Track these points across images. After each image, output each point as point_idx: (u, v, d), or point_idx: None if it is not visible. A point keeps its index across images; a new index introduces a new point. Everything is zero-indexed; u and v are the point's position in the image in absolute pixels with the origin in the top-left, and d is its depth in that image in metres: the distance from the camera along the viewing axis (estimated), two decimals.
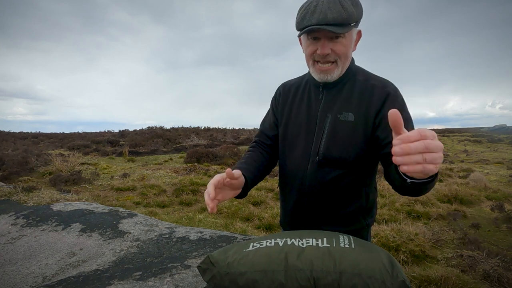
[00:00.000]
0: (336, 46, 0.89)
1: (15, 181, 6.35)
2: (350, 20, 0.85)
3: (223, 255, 0.78)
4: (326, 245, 0.74)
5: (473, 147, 18.07)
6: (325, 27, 0.84)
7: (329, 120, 0.97)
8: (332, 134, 0.96)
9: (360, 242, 0.79)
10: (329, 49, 0.89)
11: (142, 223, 1.50)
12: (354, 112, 0.94)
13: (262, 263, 0.72)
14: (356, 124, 0.94)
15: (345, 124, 0.95)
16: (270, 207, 4.92)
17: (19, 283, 1.02)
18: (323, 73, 0.94)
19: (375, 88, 0.94)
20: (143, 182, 6.71)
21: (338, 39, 0.89)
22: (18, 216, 1.69)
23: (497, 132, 29.36)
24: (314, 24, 0.85)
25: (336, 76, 0.95)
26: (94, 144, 13.81)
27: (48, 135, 22.99)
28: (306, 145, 1.01)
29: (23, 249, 1.28)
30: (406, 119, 0.86)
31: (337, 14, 0.83)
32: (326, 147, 0.96)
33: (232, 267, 0.74)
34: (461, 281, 2.40)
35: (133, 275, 0.94)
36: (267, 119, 1.20)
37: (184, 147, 13.14)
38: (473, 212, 4.73)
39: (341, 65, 0.93)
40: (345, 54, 0.92)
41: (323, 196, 1.00)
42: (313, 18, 0.85)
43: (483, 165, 10.79)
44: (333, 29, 0.84)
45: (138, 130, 21.52)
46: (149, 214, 4.44)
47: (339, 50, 0.90)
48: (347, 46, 0.91)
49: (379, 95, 0.93)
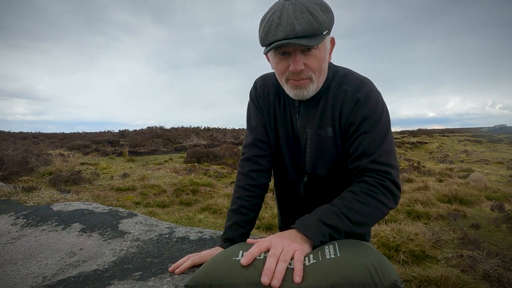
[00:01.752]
0: (310, 60, 0.79)
1: (15, 181, 6.35)
2: (322, 29, 0.74)
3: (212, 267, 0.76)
4: (313, 261, 0.72)
5: (473, 147, 18.07)
6: (295, 40, 0.72)
7: (309, 136, 0.90)
8: (315, 151, 0.91)
9: (346, 247, 0.74)
10: (302, 64, 0.79)
11: (142, 223, 1.50)
12: (332, 126, 0.88)
13: (253, 277, 0.70)
14: (335, 138, 0.88)
15: (326, 139, 0.89)
16: (270, 207, 4.92)
17: (19, 283, 1.02)
18: (298, 88, 0.83)
19: (347, 94, 0.85)
20: (143, 182, 6.71)
21: (311, 51, 0.78)
22: (18, 216, 1.69)
23: (497, 132, 29.37)
24: (281, 38, 0.73)
25: (312, 92, 0.85)
26: (94, 144, 13.81)
27: (48, 135, 22.99)
28: (294, 162, 0.98)
29: (23, 249, 1.28)
30: (364, 132, 0.82)
31: (306, 24, 0.72)
32: (311, 165, 0.93)
33: (224, 278, 0.71)
34: (461, 281, 2.40)
35: (133, 275, 0.94)
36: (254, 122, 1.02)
37: (184, 147, 13.15)
38: (473, 212, 4.73)
39: (316, 80, 0.83)
40: (320, 67, 0.82)
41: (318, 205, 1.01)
42: (279, 32, 0.73)
43: (483, 165, 10.80)
44: (305, 42, 0.72)
45: (138, 130, 21.52)
46: (149, 214, 4.44)
47: (312, 64, 0.80)
48: (321, 58, 0.80)
49: (350, 103, 0.84)
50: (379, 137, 0.82)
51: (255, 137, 1.01)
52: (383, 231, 3.37)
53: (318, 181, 0.97)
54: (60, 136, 21.27)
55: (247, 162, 1.01)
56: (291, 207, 1.10)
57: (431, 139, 20.29)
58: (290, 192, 1.07)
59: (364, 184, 0.81)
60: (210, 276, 0.73)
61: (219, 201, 5.13)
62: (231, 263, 0.75)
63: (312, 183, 0.98)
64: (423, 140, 18.91)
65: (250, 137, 1.02)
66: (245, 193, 0.99)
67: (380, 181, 0.80)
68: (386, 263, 0.69)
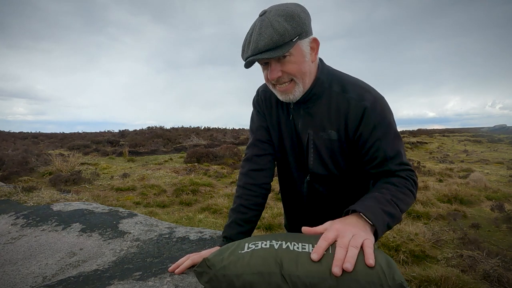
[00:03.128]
0: (286, 66, 0.85)
1: (15, 181, 6.35)
2: (285, 38, 0.79)
3: (218, 257, 0.78)
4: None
5: (473, 147, 18.08)
6: (259, 56, 0.80)
7: (311, 138, 0.95)
8: (316, 152, 0.95)
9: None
10: (278, 72, 0.85)
11: (142, 223, 1.50)
12: (336, 130, 0.92)
13: (258, 265, 0.72)
14: (340, 141, 0.92)
15: (329, 142, 0.93)
16: (270, 207, 4.92)
17: (19, 283, 1.02)
18: (284, 93, 0.90)
19: (351, 102, 0.89)
20: (143, 182, 6.72)
21: (285, 58, 0.84)
22: (18, 216, 1.69)
23: (497, 132, 29.36)
24: (250, 55, 0.82)
25: (299, 94, 0.90)
26: (94, 144, 13.81)
27: (48, 135, 22.99)
28: (298, 162, 1.01)
29: (23, 249, 1.28)
30: (378, 138, 0.87)
31: (267, 39, 0.79)
32: (314, 165, 0.96)
33: (228, 269, 0.73)
34: (461, 281, 2.40)
35: (133, 275, 0.94)
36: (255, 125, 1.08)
37: (184, 147, 13.15)
38: (473, 212, 4.73)
39: (300, 82, 0.88)
40: (299, 70, 0.87)
41: (322, 206, 1.03)
42: (249, 50, 0.82)
43: (483, 165, 10.80)
44: (268, 55, 0.80)
45: (138, 130, 21.52)
46: (149, 214, 4.44)
47: (289, 69, 0.85)
48: (297, 62, 0.85)
49: (356, 112, 0.88)
50: (394, 141, 0.89)
51: (255, 138, 1.06)
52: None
53: (320, 180, 1.00)
54: (60, 136, 21.27)
55: (247, 162, 1.05)
56: (296, 206, 1.12)
57: (431, 139, 20.30)
58: (294, 191, 1.09)
59: (399, 179, 0.88)
60: (216, 267, 0.75)
61: (219, 201, 5.14)
62: (237, 255, 0.76)
63: (314, 182, 1.01)
64: (423, 140, 18.92)
65: (251, 139, 1.07)
66: (244, 192, 1.01)
67: (410, 177, 0.89)
68: (394, 265, 0.70)
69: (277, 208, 4.79)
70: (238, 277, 0.72)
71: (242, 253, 0.76)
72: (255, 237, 0.85)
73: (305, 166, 0.99)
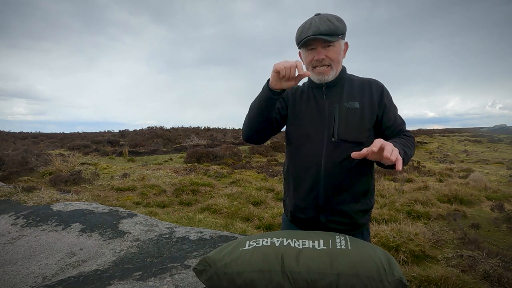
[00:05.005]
0: (329, 52, 1.11)
1: (15, 181, 6.35)
2: (338, 32, 1.09)
3: (219, 255, 0.78)
4: (323, 247, 0.75)
5: (473, 147, 18.08)
6: (319, 36, 1.06)
7: (338, 109, 1.15)
8: (343, 119, 1.14)
9: (357, 242, 0.80)
10: (323, 55, 1.11)
11: (142, 223, 1.50)
12: (359, 101, 1.15)
13: (259, 263, 0.72)
14: (362, 110, 1.14)
15: (353, 110, 1.14)
16: (270, 207, 4.92)
17: (19, 283, 1.02)
18: (321, 74, 1.14)
19: (372, 83, 1.20)
20: (143, 182, 6.71)
21: (329, 47, 1.11)
22: (18, 216, 1.69)
23: (497, 132, 29.34)
24: (310, 35, 1.07)
25: (332, 77, 1.15)
26: (94, 144, 13.80)
27: (48, 135, 22.98)
28: (320, 133, 1.16)
29: (23, 249, 1.28)
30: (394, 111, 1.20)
31: (327, 27, 1.07)
32: (340, 131, 1.14)
33: (230, 267, 0.74)
34: (461, 281, 2.40)
35: (133, 275, 0.94)
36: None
37: (184, 147, 13.14)
38: (473, 212, 4.73)
39: (335, 68, 1.15)
40: (337, 59, 1.14)
41: (337, 177, 1.12)
42: (310, 31, 1.08)
43: (483, 165, 10.80)
44: (325, 37, 1.07)
45: (138, 130, 21.50)
46: (149, 214, 4.44)
47: (331, 55, 1.12)
48: (337, 52, 1.13)
49: (377, 88, 1.18)
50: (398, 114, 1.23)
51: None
52: (383, 231, 3.36)
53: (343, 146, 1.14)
54: (60, 136, 21.26)
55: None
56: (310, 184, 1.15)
57: (431, 139, 20.29)
58: (311, 167, 1.15)
59: (406, 136, 1.17)
60: (216, 265, 0.75)
61: (219, 201, 5.13)
62: (238, 253, 0.76)
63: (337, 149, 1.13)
64: (423, 140, 18.91)
65: None
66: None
67: (411, 135, 1.20)
68: (394, 261, 0.72)
69: (277, 208, 4.79)
70: (240, 274, 0.72)
71: (244, 250, 0.77)
72: (257, 235, 0.86)
73: (329, 135, 1.15)
